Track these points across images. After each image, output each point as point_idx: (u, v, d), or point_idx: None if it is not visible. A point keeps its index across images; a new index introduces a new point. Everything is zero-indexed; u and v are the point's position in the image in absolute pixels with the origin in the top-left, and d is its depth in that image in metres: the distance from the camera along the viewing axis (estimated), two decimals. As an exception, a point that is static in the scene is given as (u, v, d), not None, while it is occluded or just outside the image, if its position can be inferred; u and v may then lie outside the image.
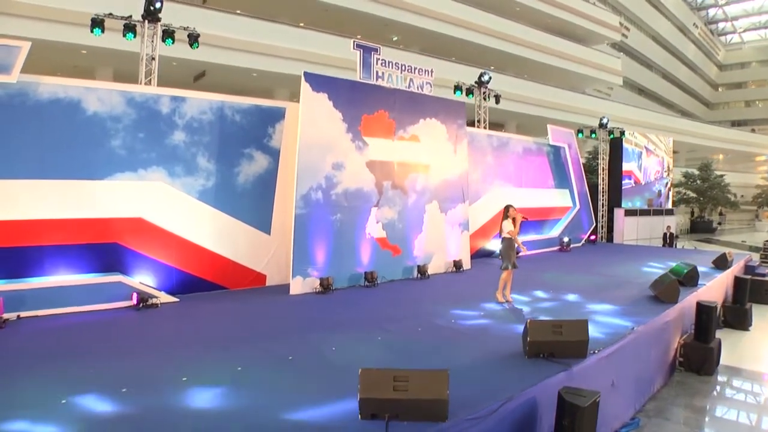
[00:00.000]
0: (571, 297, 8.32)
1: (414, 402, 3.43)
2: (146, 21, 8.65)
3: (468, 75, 14.94)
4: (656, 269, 11.05)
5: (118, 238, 7.75)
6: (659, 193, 20.05)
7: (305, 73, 8.69)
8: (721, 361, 7.68)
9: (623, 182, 18.51)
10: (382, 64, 9.61)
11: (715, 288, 10.01)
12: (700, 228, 31.30)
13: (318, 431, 3.46)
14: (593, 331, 6.04)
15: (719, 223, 35.13)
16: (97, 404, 3.95)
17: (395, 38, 25.62)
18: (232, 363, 4.93)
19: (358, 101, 9.38)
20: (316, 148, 8.77)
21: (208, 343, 5.70)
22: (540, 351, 5.05)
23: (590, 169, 20.69)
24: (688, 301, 8.22)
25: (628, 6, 41.95)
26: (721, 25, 60.13)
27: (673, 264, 10.15)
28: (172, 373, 4.65)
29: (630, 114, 33.17)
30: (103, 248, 7.60)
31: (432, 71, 10.49)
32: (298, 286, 8.50)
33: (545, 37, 28.65)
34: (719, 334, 9.59)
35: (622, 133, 18.22)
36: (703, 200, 31.47)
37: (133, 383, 4.33)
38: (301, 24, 21.34)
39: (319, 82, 8.83)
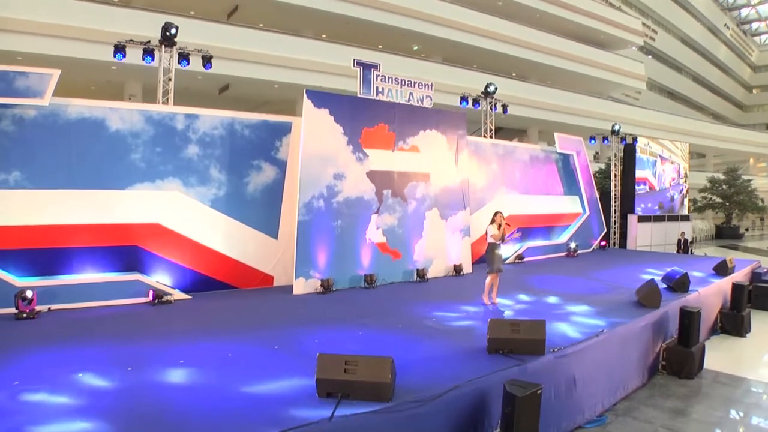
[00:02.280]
0: (557, 300, 8.66)
1: (361, 383, 4.03)
2: (163, 45, 9.52)
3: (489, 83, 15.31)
4: (656, 275, 11.21)
5: (138, 241, 8.60)
6: (672, 198, 20.08)
7: (307, 91, 9.40)
8: (708, 366, 7.87)
9: (638, 188, 18.65)
10: (381, 79, 10.23)
11: (710, 294, 10.01)
12: (726, 234, 30.79)
13: (280, 405, 4.09)
14: (564, 332, 6.52)
15: (747, 229, 34.40)
16: (105, 379, 4.73)
17: (416, 48, 26.14)
18: (225, 350, 5.67)
19: (359, 115, 10.03)
20: (317, 160, 9.46)
21: (210, 334, 6.45)
22: (499, 348, 5.52)
23: (609, 175, 20.83)
24: (674, 306, 8.45)
25: (656, 9, 41.56)
26: (754, 25, 58.67)
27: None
28: (172, 356, 5.42)
29: (653, 119, 32.97)
30: (124, 250, 8.47)
31: (432, 85, 11.05)
32: (301, 287, 9.18)
33: (567, 43, 28.75)
34: (715, 339, 9.85)
35: (635, 139, 18.37)
36: (729, 206, 30.94)
37: (137, 363, 5.13)
38: (324, 36, 22.11)
39: (320, 99, 9.54)
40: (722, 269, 11.65)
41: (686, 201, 21.15)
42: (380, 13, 21.72)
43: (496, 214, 8.40)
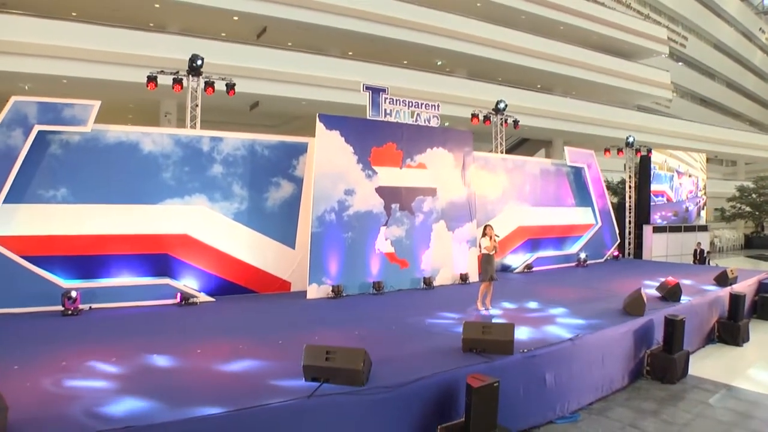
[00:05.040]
0: (547, 306, 9.13)
1: (339, 370, 4.85)
2: (190, 75, 10.65)
3: (513, 96, 15.71)
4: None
5: (168, 250, 9.70)
6: (686, 209, 20.24)
7: (320, 115, 10.36)
8: (694, 373, 8.23)
9: (656, 200, 18.92)
10: (390, 102, 11.08)
11: (703, 303, 10.16)
12: (756, 243, 30.30)
13: (271, 387, 4.94)
14: (542, 336, 7.09)
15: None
16: (134, 363, 5.76)
17: (440, 63, 26.68)
18: (237, 343, 6.61)
19: (368, 136, 10.91)
20: (329, 178, 10.37)
21: (226, 330, 7.49)
22: (472, 347, 6.21)
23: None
24: (660, 315, 8.74)
25: (686, 15, 41.01)
26: (792, 30, 56.79)
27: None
28: (192, 346, 6.44)
29: (680, 127, 32.70)
30: (156, 258, 9.58)
31: (438, 105, 11.84)
32: (314, 292, 10.08)
33: (590, 54, 28.67)
34: (711, 348, 10.15)
35: (649, 150, 18.69)
36: (759, 214, 30.47)
37: (162, 351, 6.15)
38: (350, 53, 23.01)
39: (331, 122, 10.47)
40: (722, 280, 11.91)
41: (703, 212, 21.21)
42: (405, 31, 22.10)
43: (486, 227, 9.11)
